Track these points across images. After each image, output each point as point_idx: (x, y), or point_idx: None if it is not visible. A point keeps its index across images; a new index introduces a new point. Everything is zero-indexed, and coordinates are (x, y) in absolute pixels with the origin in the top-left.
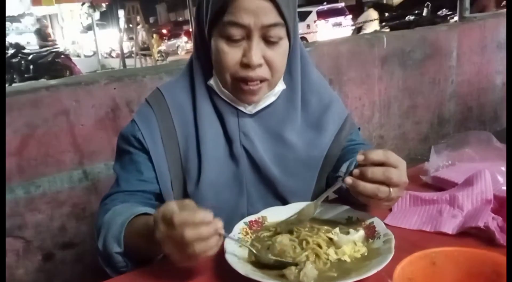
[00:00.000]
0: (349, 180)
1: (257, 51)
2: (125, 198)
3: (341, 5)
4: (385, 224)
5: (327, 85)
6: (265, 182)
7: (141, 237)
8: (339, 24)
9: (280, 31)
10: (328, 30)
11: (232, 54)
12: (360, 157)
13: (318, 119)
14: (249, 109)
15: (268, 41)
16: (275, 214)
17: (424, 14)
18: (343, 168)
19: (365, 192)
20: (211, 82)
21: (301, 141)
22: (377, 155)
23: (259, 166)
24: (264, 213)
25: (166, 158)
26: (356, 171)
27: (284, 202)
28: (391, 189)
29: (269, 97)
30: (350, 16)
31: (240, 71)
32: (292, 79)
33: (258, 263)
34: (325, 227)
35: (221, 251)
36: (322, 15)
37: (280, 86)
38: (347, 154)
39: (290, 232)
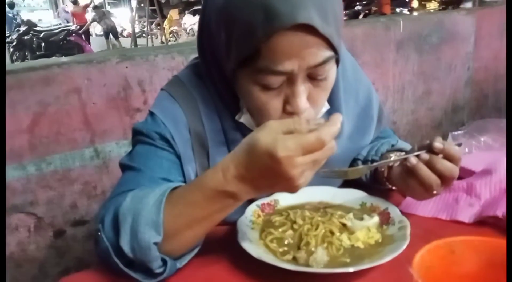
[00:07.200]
0: (413, 160)
1: (303, 96)
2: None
3: None
4: (400, 210)
5: (361, 72)
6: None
7: (194, 202)
8: None
9: (330, 65)
10: None
11: (271, 104)
12: (438, 145)
13: (359, 125)
14: None
15: (315, 80)
16: (287, 198)
17: None
18: (364, 152)
19: (424, 179)
20: (241, 120)
21: (344, 158)
22: (455, 150)
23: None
24: (276, 196)
25: (196, 166)
26: (425, 156)
27: None
28: (442, 187)
29: None
30: None
31: (283, 117)
32: (333, 92)
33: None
34: (339, 212)
35: (233, 233)
36: None
37: (323, 108)
38: None
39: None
